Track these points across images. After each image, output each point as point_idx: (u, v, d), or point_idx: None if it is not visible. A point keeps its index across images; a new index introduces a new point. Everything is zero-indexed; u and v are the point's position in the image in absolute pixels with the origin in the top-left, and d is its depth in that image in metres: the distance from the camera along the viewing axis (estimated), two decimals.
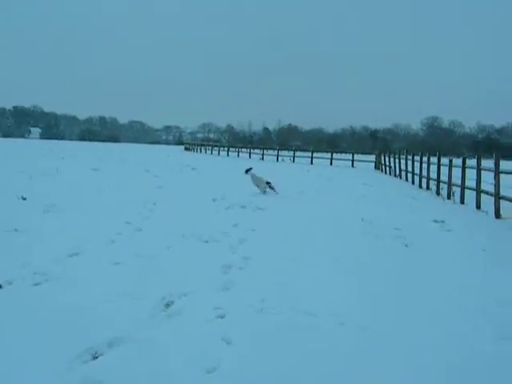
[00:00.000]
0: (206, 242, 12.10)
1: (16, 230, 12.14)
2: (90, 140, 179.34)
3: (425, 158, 32.11)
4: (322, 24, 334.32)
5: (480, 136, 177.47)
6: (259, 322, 6.98)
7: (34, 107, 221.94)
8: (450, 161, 26.49)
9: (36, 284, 8.21)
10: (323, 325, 7.04)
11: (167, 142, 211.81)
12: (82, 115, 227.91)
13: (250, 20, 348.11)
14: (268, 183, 23.41)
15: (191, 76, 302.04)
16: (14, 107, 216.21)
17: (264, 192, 23.08)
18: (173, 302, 7.67)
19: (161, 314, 7.23)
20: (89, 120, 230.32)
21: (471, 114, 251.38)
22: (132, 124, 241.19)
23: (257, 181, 23.98)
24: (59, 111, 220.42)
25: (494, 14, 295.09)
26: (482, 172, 21.88)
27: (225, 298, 7.90)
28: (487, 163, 22.14)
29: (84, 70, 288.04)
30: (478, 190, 21.63)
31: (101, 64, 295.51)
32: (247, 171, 24.66)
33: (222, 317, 7.11)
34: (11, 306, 7.21)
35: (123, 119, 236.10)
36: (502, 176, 19.63)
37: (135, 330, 6.53)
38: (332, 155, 63.22)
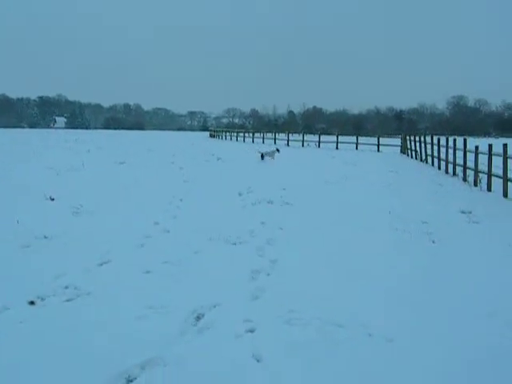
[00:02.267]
0: (234, 244, 12.14)
1: (45, 237, 12.25)
2: (115, 128, 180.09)
3: (451, 143, 31.83)
4: (347, 8, 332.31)
5: (506, 114, 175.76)
6: (289, 335, 7.00)
7: (59, 96, 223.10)
8: (476, 147, 26.25)
9: (68, 300, 8.25)
10: (351, 336, 7.06)
11: (192, 128, 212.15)
12: (106, 103, 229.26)
13: (275, 5, 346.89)
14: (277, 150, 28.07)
15: (215, 61, 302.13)
16: (38, 97, 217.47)
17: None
18: (203, 315, 7.70)
19: (192, 328, 7.25)
20: (113, 108, 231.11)
21: (497, 92, 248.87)
22: (156, 111, 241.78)
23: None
24: (84, 100, 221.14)
25: None
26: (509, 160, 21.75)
27: (254, 309, 7.93)
28: None
29: (107, 58, 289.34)
30: (505, 178, 21.50)
31: (124, 51, 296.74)
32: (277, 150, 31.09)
33: (251, 331, 7.13)
34: (44, 325, 7.26)
35: (148, 106, 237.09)
36: None
37: (167, 349, 6.55)
38: (357, 139, 62.97)
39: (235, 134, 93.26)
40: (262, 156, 34.54)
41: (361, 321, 7.54)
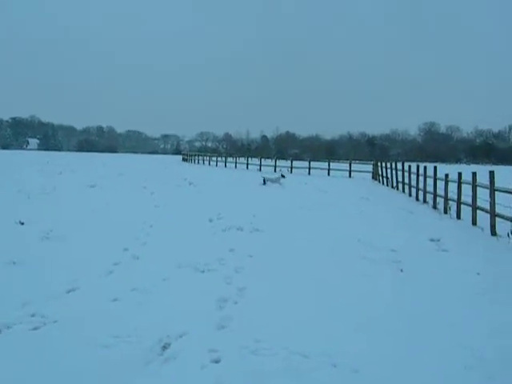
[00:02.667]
0: (202, 271, 12.13)
1: (14, 263, 12.17)
2: (88, 150, 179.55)
3: (421, 171, 32.07)
4: (321, 35, 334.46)
5: (477, 141, 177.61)
6: (254, 366, 7.01)
7: (32, 118, 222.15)
8: (446, 175, 26.50)
9: (35, 328, 8.20)
10: (316, 366, 7.07)
11: (165, 151, 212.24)
12: (79, 125, 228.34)
13: (247, 28, 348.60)
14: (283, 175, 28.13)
15: (189, 85, 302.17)
16: (11, 118, 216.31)
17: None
18: (169, 345, 7.69)
19: (157, 358, 7.24)
20: (86, 130, 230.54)
21: (469, 119, 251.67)
22: (129, 133, 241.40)
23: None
24: (57, 121, 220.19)
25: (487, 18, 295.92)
26: (478, 188, 21.94)
27: (220, 339, 7.92)
28: (484, 168, 22.11)
29: (81, 80, 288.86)
30: (474, 207, 21.69)
31: (98, 74, 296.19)
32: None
33: (217, 361, 7.13)
34: (9, 353, 7.23)
35: (121, 128, 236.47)
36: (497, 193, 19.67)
37: (132, 379, 6.56)
38: (329, 165, 63.26)
39: (208, 158, 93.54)
40: (264, 181, 34.41)
41: (326, 351, 7.55)
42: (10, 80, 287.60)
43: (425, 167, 31.72)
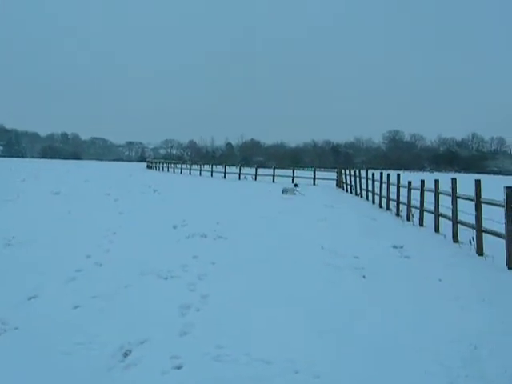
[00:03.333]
0: (165, 278, 12.08)
1: None
2: (52, 157, 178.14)
3: (385, 178, 32.28)
4: (284, 38, 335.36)
5: (441, 149, 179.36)
6: (216, 372, 7.02)
7: None
8: (409, 183, 26.73)
9: None
10: (278, 373, 7.09)
11: (130, 159, 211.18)
12: (43, 132, 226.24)
13: (211, 34, 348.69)
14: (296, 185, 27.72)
15: (154, 91, 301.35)
16: None
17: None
18: (131, 351, 7.66)
19: (119, 365, 7.22)
20: (50, 137, 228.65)
21: (432, 127, 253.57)
22: (94, 140, 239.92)
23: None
24: (20, 128, 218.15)
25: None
26: (441, 195, 22.15)
27: (182, 345, 7.91)
28: (447, 176, 22.30)
29: (45, 85, 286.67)
30: (437, 214, 21.90)
31: (62, 78, 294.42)
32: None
33: (178, 367, 7.12)
34: None
35: (85, 135, 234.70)
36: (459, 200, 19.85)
37: None
38: (294, 173, 63.40)
39: (172, 166, 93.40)
40: (283, 191, 34.56)
41: (288, 357, 7.57)
42: None
43: (388, 175, 31.95)
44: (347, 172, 50.54)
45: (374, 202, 35.49)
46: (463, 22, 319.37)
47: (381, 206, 32.83)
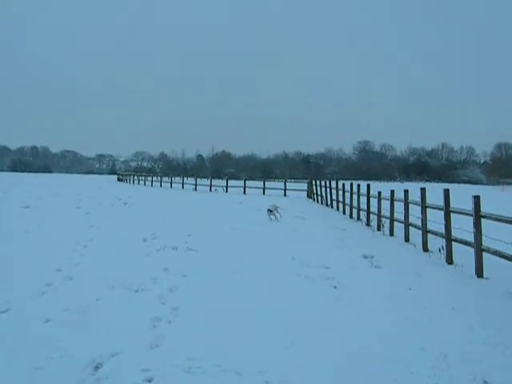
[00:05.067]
0: (136, 291, 12.05)
1: None
2: (22, 171, 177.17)
3: (355, 189, 32.44)
4: (257, 48, 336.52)
5: (411, 159, 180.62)
6: None
7: None
8: (379, 193, 26.90)
9: None
10: (249, 383, 7.12)
11: (100, 171, 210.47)
12: (13, 145, 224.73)
13: (182, 45, 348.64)
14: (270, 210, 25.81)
15: (124, 104, 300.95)
16: None
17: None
18: (102, 365, 7.63)
19: (90, 378, 7.20)
20: (20, 150, 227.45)
21: (402, 138, 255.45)
22: (64, 153, 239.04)
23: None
24: None
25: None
26: (410, 205, 22.31)
27: (153, 358, 7.90)
28: (417, 185, 22.43)
29: (14, 98, 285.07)
30: (407, 224, 22.06)
31: (31, 89, 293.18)
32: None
33: (149, 380, 7.09)
34: None
35: (55, 148, 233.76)
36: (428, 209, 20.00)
37: None
38: (265, 184, 63.49)
39: (143, 178, 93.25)
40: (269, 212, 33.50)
41: (259, 368, 7.59)
42: None
43: (358, 185, 32.19)
44: (318, 183, 50.71)
45: (344, 213, 35.69)
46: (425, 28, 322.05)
47: (351, 217, 33.02)
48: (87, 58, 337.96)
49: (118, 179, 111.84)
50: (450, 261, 16.73)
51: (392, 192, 24.99)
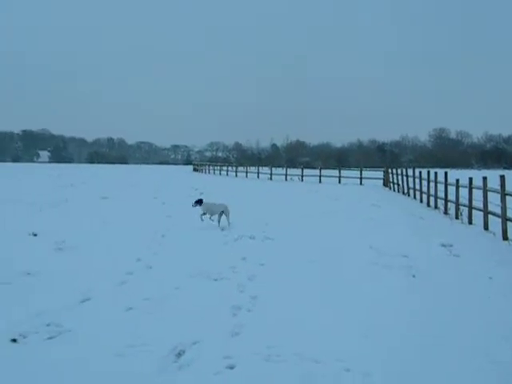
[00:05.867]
0: (215, 280, 12.20)
1: (28, 274, 12.25)
2: (99, 162, 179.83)
3: (432, 176, 32.01)
4: (326, 39, 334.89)
5: (488, 146, 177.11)
6: (267, 372, 7.07)
7: (43, 130, 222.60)
8: (457, 180, 26.49)
9: (50, 338, 8.28)
10: (329, 371, 7.13)
11: (175, 162, 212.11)
12: (90, 137, 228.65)
13: (252, 39, 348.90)
14: (222, 212, 21.58)
15: (198, 94, 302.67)
16: (22, 131, 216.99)
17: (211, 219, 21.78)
18: (184, 352, 7.75)
19: (172, 365, 7.30)
20: (97, 142, 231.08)
21: (478, 124, 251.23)
22: (140, 144, 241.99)
23: (210, 209, 21.83)
24: (67, 134, 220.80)
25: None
26: (489, 193, 21.91)
27: (233, 346, 7.99)
28: (495, 173, 22.05)
29: (90, 93, 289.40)
30: (486, 212, 21.67)
31: (108, 86, 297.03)
32: (198, 203, 21.93)
33: (231, 367, 7.19)
34: (25, 362, 7.31)
35: (131, 140, 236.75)
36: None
37: None
38: (340, 173, 63.03)
39: (218, 168, 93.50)
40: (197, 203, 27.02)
41: (337, 356, 7.61)
42: (21, 93, 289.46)
43: (435, 173, 31.67)
44: (394, 171, 50.20)
45: (421, 201, 35.19)
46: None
47: (428, 205, 32.57)
48: (162, 51, 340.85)
49: (194, 169, 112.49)
50: None
51: (470, 179, 24.59)
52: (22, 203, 28.15)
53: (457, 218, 25.50)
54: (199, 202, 21.84)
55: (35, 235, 17.44)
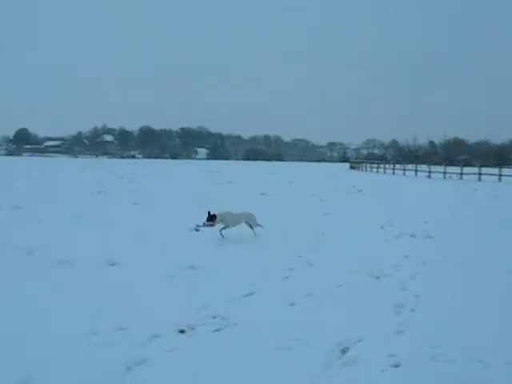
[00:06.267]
0: (377, 277, 12.13)
1: (192, 267, 12.61)
2: (255, 159, 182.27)
3: None
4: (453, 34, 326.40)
5: None
6: (432, 372, 6.97)
7: (200, 128, 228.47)
8: None
9: (217, 330, 8.51)
10: (494, 375, 6.95)
11: (331, 159, 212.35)
12: (246, 135, 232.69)
13: (387, 38, 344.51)
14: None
15: (355, 91, 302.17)
16: (180, 129, 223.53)
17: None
18: (348, 349, 7.76)
19: (337, 361, 7.34)
20: (253, 139, 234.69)
21: None
22: (296, 142, 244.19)
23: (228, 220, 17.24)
24: (224, 131, 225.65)
25: None
26: None
27: (398, 344, 7.93)
28: None
29: (248, 94, 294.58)
30: None
31: (265, 86, 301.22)
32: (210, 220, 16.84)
33: (396, 366, 7.15)
34: (194, 353, 7.56)
35: (287, 137, 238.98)
36: None
37: (313, 381, 6.69)
38: (501, 171, 61.10)
39: (375, 166, 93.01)
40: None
41: (506, 359, 7.38)
42: (180, 94, 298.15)
43: None
44: None
45: None
46: None
47: None
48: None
49: (351, 167, 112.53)
50: None
51: None
52: (184, 200, 28.92)
53: None
54: (212, 217, 16.80)
55: (197, 230, 17.86)
